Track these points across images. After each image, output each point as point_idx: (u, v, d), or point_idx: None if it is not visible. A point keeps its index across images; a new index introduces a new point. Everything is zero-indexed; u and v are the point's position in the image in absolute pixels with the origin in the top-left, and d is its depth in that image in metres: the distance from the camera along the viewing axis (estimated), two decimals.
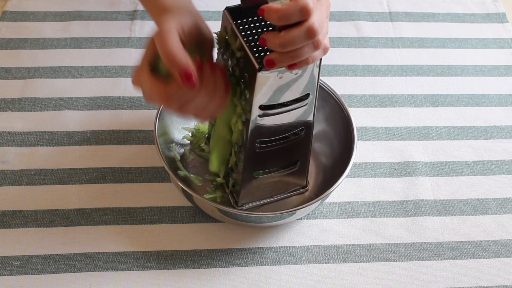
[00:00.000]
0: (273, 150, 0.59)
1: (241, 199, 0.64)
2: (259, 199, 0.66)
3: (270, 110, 0.55)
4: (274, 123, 0.56)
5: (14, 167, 0.70)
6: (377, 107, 0.80)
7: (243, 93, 0.54)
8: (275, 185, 0.65)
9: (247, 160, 0.59)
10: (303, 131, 0.60)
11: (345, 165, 0.64)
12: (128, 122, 0.76)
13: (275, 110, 0.55)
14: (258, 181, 0.63)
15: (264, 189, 0.65)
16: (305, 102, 0.56)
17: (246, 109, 0.54)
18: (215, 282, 0.63)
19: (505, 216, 0.70)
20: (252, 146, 0.58)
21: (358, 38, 0.89)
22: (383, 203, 0.70)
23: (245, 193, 0.63)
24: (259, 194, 0.65)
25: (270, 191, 0.66)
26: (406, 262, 0.66)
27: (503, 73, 0.86)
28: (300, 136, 0.60)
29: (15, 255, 0.64)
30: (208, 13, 0.90)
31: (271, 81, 0.51)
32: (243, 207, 0.65)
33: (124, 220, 0.67)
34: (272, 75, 0.51)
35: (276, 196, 0.67)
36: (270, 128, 0.57)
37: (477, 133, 0.78)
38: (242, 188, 0.63)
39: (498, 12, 0.95)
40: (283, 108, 0.55)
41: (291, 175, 0.65)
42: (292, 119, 0.57)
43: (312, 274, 0.64)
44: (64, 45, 0.84)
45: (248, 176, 0.61)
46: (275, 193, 0.66)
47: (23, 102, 0.77)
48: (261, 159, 0.60)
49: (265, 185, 0.64)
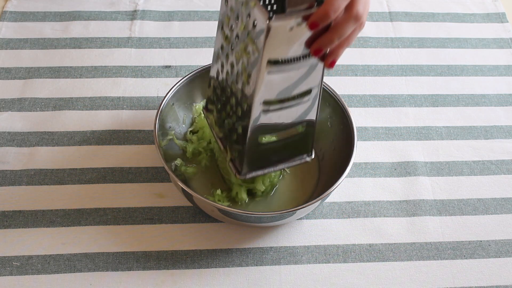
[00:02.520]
0: (281, 111, 0.57)
1: (245, 167, 0.61)
2: (262, 168, 0.63)
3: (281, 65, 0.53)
4: (284, 81, 0.54)
5: (14, 167, 0.70)
6: (377, 107, 0.80)
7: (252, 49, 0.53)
8: (280, 152, 0.62)
9: (253, 123, 0.56)
10: (311, 92, 0.58)
11: (345, 165, 0.64)
12: (128, 122, 0.76)
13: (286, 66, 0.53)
14: (263, 146, 0.60)
15: (269, 157, 0.62)
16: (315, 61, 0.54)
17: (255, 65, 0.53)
18: (215, 282, 0.63)
19: (505, 216, 0.70)
20: (259, 107, 0.56)
21: (358, 38, 0.89)
22: (383, 203, 0.70)
23: (249, 160, 0.60)
24: (263, 163, 0.62)
25: (275, 159, 0.63)
26: (406, 262, 0.66)
27: (503, 73, 0.86)
28: (309, 96, 0.58)
29: (15, 255, 0.64)
30: (207, 13, 0.90)
31: (282, 34, 0.50)
32: (246, 177, 0.62)
33: (124, 220, 0.67)
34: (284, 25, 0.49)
35: (280, 165, 0.64)
36: (280, 85, 0.55)
37: (477, 133, 0.78)
38: (246, 155, 0.59)
39: (498, 12, 0.95)
40: (294, 63, 0.53)
41: (297, 140, 0.62)
42: (301, 77, 0.55)
43: (312, 274, 0.64)
44: (64, 45, 0.84)
45: (253, 141, 0.58)
46: (279, 161, 0.63)
47: (23, 102, 0.77)
48: (268, 121, 0.58)
49: (270, 152, 0.61)
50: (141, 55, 0.84)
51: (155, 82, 0.80)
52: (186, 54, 0.84)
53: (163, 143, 0.68)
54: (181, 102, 0.71)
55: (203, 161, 0.70)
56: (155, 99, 0.78)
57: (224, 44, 0.59)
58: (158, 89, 0.79)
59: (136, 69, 0.82)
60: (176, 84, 0.69)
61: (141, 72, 0.81)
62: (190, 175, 0.69)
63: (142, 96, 0.79)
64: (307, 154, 0.65)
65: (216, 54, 0.61)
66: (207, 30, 0.88)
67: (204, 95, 0.73)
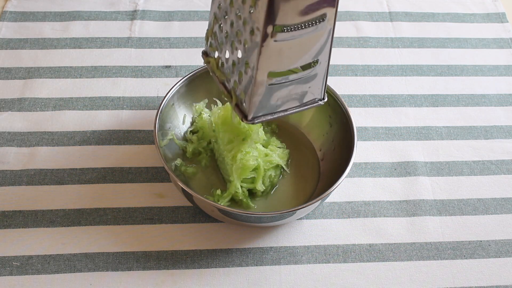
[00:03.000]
0: (293, 41, 0.52)
1: (252, 110, 0.55)
2: (272, 112, 0.57)
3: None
4: (296, 4, 0.50)
5: (14, 167, 0.70)
6: (377, 107, 0.80)
7: None
8: (290, 93, 0.57)
9: (264, 54, 0.51)
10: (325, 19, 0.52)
11: (345, 165, 0.64)
12: (128, 122, 0.76)
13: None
14: (273, 86, 0.55)
15: (278, 99, 0.57)
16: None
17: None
18: (215, 282, 0.63)
19: (505, 216, 0.70)
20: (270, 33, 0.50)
21: (358, 38, 0.89)
22: (383, 203, 0.71)
23: (257, 101, 0.55)
24: (273, 105, 0.57)
25: (285, 102, 0.57)
26: (406, 262, 0.66)
27: (503, 73, 0.86)
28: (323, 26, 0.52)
29: (15, 255, 0.64)
30: (208, 13, 0.90)
31: None
32: (254, 121, 0.57)
33: (124, 220, 0.67)
34: None
35: (290, 110, 0.58)
36: (292, 9, 0.50)
37: (477, 133, 0.78)
38: (253, 95, 0.54)
39: (498, 12, 0.95)
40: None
41: (309, 81, 0.57)
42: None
43: (312, 274, 0.64)
44: (64, 45, 0.84)
45: (262, 78, 0.53)
46: (289, 105, 0.58)
47: (23, 102, 0.77)
48: (278, 53, 0.52)
49: (280, 93, 0.56)
50: (141, 55, 0.84)
51: (155, 82, 0.80)
52: (186, 54, 0.84)
53: (163, 143, 0.68)
54: (181, 102, 0.71)
55: (203, 161, 0.70)
56: (155, 99, 0.78)
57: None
58: (158, 89, 0.79)
59: (136, 69, 0.82)
60: (176, 84, 0.69)
61: (141, 72, 0.81)
62: (190, 175, 0.69)
63: (142, 96, 0.79)
64: (320, 97, 0.60)
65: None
66: None
67: (204, 95, 0.73)
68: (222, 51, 0.59)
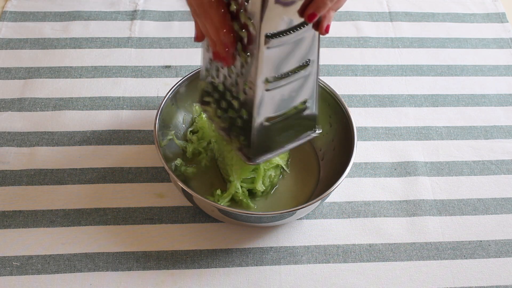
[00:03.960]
0: (283, 87, 0.57)
1: (254, 152, 0.60)
2: (271, 151, 0.62)
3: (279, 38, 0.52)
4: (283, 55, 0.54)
5: (14, 167, 0.70)
6: (377, 107, 0.80)
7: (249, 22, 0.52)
8: (286, 131, 0.62)
9: (258, 104, 0.56)
10: (310, 64, 0.57)
11: (345, 165, 0.64)
12: (128, 122, 0.76)
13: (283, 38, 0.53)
14: (269, 128, 0.59)
15: (276, 138, 0.62)
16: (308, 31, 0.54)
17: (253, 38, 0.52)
18: (215, 282, 0.63)
19: (505, 216, 0.70)
20: (261, 85, 0.55)
21: (358, 38, 0.89)
22: (383, 203, 0.71)
23: (257, 144, 0.59)
24: (271, 145, 0.62)
25: (282, 140, 0.62)
26: (406, 262, 0.66)
27: (503, 73, 0.86)
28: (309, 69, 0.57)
29: (15, 255, 0.64)
30: None
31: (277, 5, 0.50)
32: (257, 162, 0.62)
33: (124, 220, 0.67)
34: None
35: (288, 145, 0.63)
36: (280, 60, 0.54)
37: (477, 133, 0.78)
38: (254, 139, 0.59)
39: (498, 12, 0.95)
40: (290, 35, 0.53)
41: (302, 117, 0.62)
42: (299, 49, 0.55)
43: (312, 274, 0.64)
44: (64, 45, 0.84)
45: (259, 123, 0.58)
46: (286, 141, 0.63)
47: (23, 102, 0.77)
48: (271, 100, 0.57)
49: (277, 133, 0.61)
50: (141, 55, 0.84)
51: (155, 82, 0.80)
52: (186, 54, 0.84)
53: (163, 143, 0.68)
54: (181, 102, 0.71)
55: (203, 161, 0.70)
56: (155, 99, 0.78)
57: None
58: (158, 89, 0.79)
59: (136, 69, 0.82)
60: (176, 84, 0.69)
61: (141, 72, 0.81)
62: (190, 175, 0.69)
63: (142, 96, 0.79)
64: (312, 130, 0.64)
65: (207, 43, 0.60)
66: None
67: None
68: (219, 101, 0.62)
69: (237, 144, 0.62)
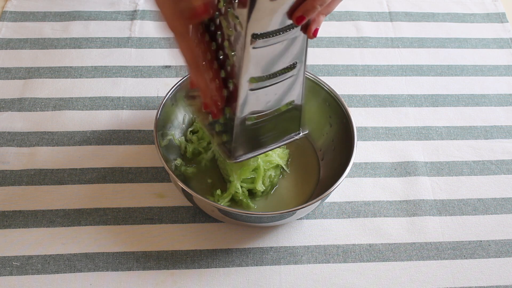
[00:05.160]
0: (268, 88, 0.57)
1: (235, 150, 0.61)
2: (253, 150, 0.63)
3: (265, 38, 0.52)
4: (268, 56, 0.54)
5: (14, 167, 0.70)
6: (377, 107, 0.80)
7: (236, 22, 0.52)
8: (270, 132, 0.62)
9: (241, 103, 0.56)
10: (296, 66, 0.57)
11: (345, 165, 0.64)
12: (128, 122, 0.76)
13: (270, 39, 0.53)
14: (252, 127, 0.60)
15: (259, 138, 0.62)
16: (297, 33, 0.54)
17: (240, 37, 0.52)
18: (215, 282, 0.63)
19: (505, 216, 0.70)
20: (246, 85, 0.55)
21: (358, 38, 0.89)
22: (383, 203, 0.71)
23: (239, 142, 0.60)
24: (254, 144, 0.62)
25: (265, 140, 0.63)
26: (406, 262, 0.66)
27: (503, 73, 0.86)
28: (295, 71, 0.57)
29: (15, 255, 0.64)
30: None
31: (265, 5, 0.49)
32: (237, 160, 0.62)
33: (124, 220, 0.67)
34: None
35: (270, 145, 0.64)
36: (265, 61, 0.54)
37: (477, 133, 0.78)
38: (236, 137, 0.59)
39: (498, 12, 0.95)
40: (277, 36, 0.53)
41: (286, 119, 0.62)
42: (286, 51, 0.55)
43: (312, 274, 0.64)
44: (64, 45, 0.84)
45: (242, 122, 0.58)
46: (269, 142, 0.63)
47: (23, 102, 0.77)
48: (255, 100, 0.57)
49: (260, 133, 0.61)
50: (141, 55, 0.84)
51: (155, 82, 0.80)
52: None
53: (163, 143, 0.68)
54: (181, 102, 0.71)
55: (203, 161, 0.70)
56: (155, 99, 0.78)
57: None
58: (158, 89, 0.79)
59: (136, 69, 0.82)
60: (176, 84, 0.69)
61: (141, 72, 0.81)
62: (190, 175, 0.69)
63: (142, 96, 0.79)
64: (296, 132, 0.65)
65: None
66: None
67: None
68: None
69: (219, 141, 0.62)
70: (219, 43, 0.57)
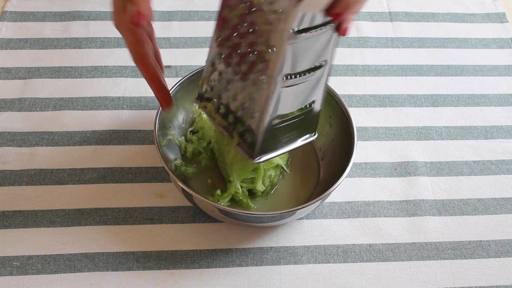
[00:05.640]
0: (297, 86, 0.56)
1: (257, 151, 0.59)
2: (273, 151, 0.61)
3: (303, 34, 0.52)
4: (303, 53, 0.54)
5: (14, 167, 0.70)
6: (377, 107, 0.80)
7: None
8: (290, 132, 0.61)
9: (273, 101, 0.55)
10: (325, 65, 0.57)
11: (345, 165, 0.64)
12: (128, 122, 0.76)
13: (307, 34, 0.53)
14: (276, 127, 0.58)
15: (279, 138, 0.61)
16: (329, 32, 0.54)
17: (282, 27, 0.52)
18: (215, 282, 0.63)
19: (505, 216, 0.70)
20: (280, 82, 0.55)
21: (358, 38, 0.89)
22: (383, 203, 0.71)
23: (262, 143, 0.59)
24: (274, 145, 0.61)
25: (284, 141, 0.62)
26: (406, 262, 0.66)
27: (503, 73, 0.86)
28: (322, 70, 0.58)
29: (15, 255, 0.64)
30: (208, 13, 0.90)
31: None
32: (258, 161, 0.60)
33: (124, 220, 0.67)
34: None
35: (287, 146, 0.63)
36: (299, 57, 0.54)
37: (477, 133, 0.78)
38: (261, 138, 0.58)
39: (498, 12, 0.95)
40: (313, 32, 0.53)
41: (307, 119, 0.61)
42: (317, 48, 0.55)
43: (312, 274, 0.64)
44: (64, 45, 0.84)
45: (269, 122, 0.57)
46: (287, 142, 0.62)
47: (23, 102, 0.77)
48: (284, 99, 0.56)
49: (281, 133, 0.60)
50: None
51: None
52: (186, 54, 0.84)
53: (163, 143, 0.68)
54: (181, 102, 0.71)
55: (203, 161, 0.70)
56: (155, 99, 0.78)
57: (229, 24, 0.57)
58: None
59: (136, 69, 0.81)
60: (176, 84, 0.69)
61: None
62: (190, 175, 0.69)
63: (142, 96, 0.79)
64: (311, 134, 0.64)
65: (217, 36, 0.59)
66: (207, 30, 0.88)
67: None
68: (222, 97, 0.61)
69: (240, 141, 0.61)
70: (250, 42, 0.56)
